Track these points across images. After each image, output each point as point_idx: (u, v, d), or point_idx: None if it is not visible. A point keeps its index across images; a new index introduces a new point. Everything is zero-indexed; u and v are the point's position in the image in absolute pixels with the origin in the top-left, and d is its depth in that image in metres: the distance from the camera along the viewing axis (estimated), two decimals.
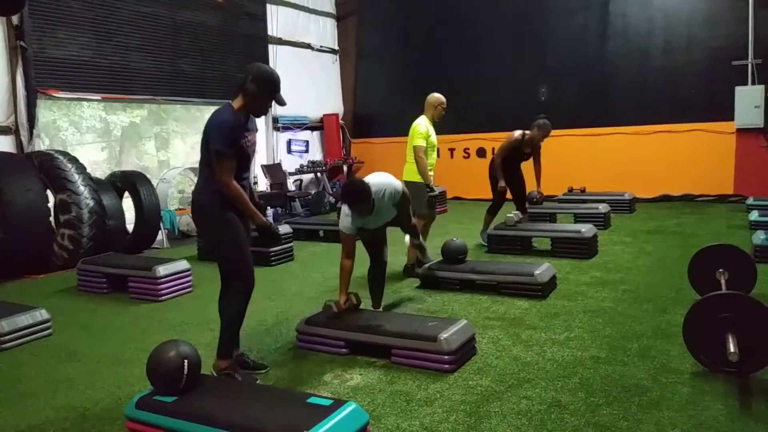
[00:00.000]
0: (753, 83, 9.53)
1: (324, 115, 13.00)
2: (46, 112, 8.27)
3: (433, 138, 5.90)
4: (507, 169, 7.01)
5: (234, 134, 3.28)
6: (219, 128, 3.26)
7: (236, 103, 3.37)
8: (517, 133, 7.04)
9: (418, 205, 5.63)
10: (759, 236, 5.91)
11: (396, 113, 11.23)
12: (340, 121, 13.39)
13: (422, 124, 5.82)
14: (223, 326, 3.53)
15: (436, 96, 5.95)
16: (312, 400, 2.59)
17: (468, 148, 11.96)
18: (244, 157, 3.39)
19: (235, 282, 3.51)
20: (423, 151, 5.77)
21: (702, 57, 9.99)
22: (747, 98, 9.48)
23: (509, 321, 4.46)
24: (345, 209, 4.20)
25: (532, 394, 3.21)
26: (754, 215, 7.41)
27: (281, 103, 3.43)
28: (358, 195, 4.03)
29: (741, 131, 9.68)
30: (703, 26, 9.98)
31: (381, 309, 4.66)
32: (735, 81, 9.62)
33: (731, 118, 9.65)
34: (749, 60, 9.54)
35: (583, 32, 11.05)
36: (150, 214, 7.82)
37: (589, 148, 10.88)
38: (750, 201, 8.68)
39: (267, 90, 3.37)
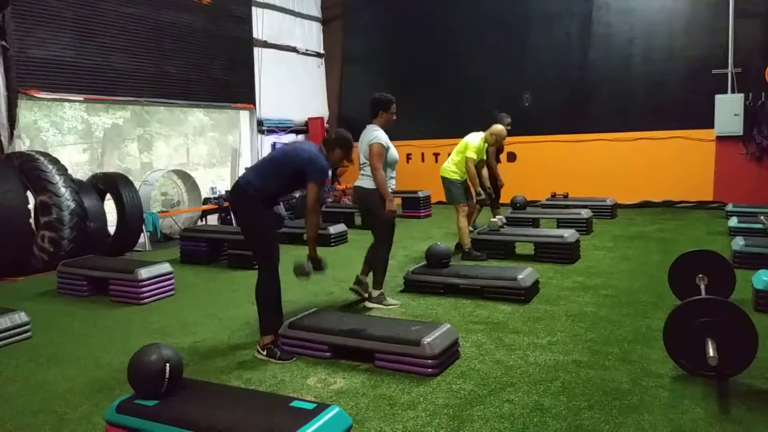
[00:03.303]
0: (733, 92, 9.70)
1: (309, 119, 12.99)
2: (27, 113, 8.19)
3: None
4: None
5: (327, 176, 4.16)
6: (322, 169, 4.03)
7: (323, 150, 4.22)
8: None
9: (455, 198, 6.79)
10: (738, 242, 6.00)
11: None
12: (325, 125, 13.38)
13: (477, 142, 6.79)
14: (260, 307, 4.02)
15: (500, 128, 6.99)
16: (295, 404, 2.59)
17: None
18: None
19: (264, 265, 4.03)
20: (473, 162, 6.75)
21: (682, 65, 10.15)
22: (727, 106, 9.65)
23: (492, 325, 4.48)
24: (375, 128, 5.02)
25: (514, 397, 3.23)
26: (733, 221, 7.52)
27: (350, 161, 4.45)
28: (389, 99, 5.05)
29: (721, 139, 9.85)
30: (684, 35, 10.13)
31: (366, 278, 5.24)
32: (715, 89, 9.78)
33: (711, 126, 9.81)
34: (729, 69, 9.70)
35: (566, 40, 11.16)
36: (132, 216, 7.75)
37: (572, 154, 10.98)
38: (729, 207, 8.81)
39: (344, 149, 4.23)
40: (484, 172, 7.10)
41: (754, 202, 9.06)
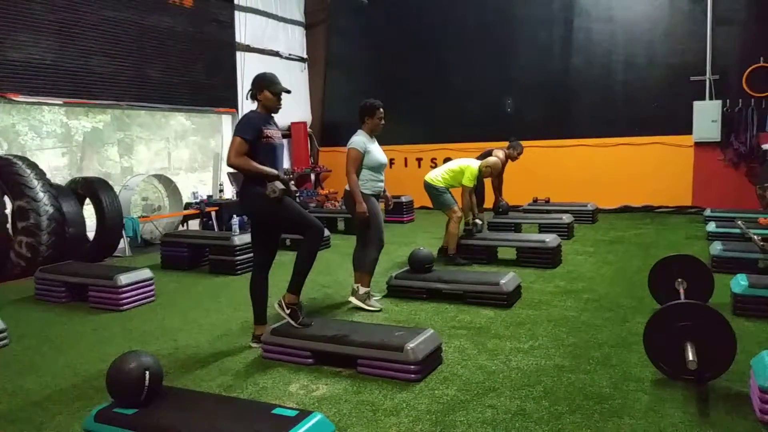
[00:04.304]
0: (711, 98, 9.85)
1: (292, 123, 12.95)
2: (4, 116, 8.05)
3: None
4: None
5: (256, 125, 3.97)
6: (244, 120, 4.00)
7: (258, 109, 4.12)
8: (502, 154, 7.88)
9: (446, 202, 6.77)
10: (716, 247, 6.08)
11: None
12: (308, 130, 13.36)
13: (474, 169, 6.73)
14: (300, 266, 4.13)
15: (495, 161, 7.06)
16: (277, 411, 2.57)
17: (435, 158, 12.04)
18: (269, 149, 4.05)
19: (309, 231, 4.10)
20: (470, 192, 6.80)
21: (662, 72, 10.28)
22: (705, 113, 9.80)
23: (475, 330, 4.49)
24: (358, 133, 5.13)
25: (497, 402, 3.24)
26: (711, 226, 7.62)
27: (285, 90, 4.08)
28: (373, 105, 5.09)
29: (699, 145, 9.99)
30: (663, 43, 10.28)
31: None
32: (693, 96, 9.93)
33: (690, 132, 9.96)
34: (707, 76, 9.86)
35: (547, 46, 11.26)
36: (112, 221, 7.65)
37: (554, 159, 11.07)
38: (707, 212, 8.92)
39: (264, 87, 4.04)
40: (474, 198, 7.07)
41: (732, 206, 9.18)
